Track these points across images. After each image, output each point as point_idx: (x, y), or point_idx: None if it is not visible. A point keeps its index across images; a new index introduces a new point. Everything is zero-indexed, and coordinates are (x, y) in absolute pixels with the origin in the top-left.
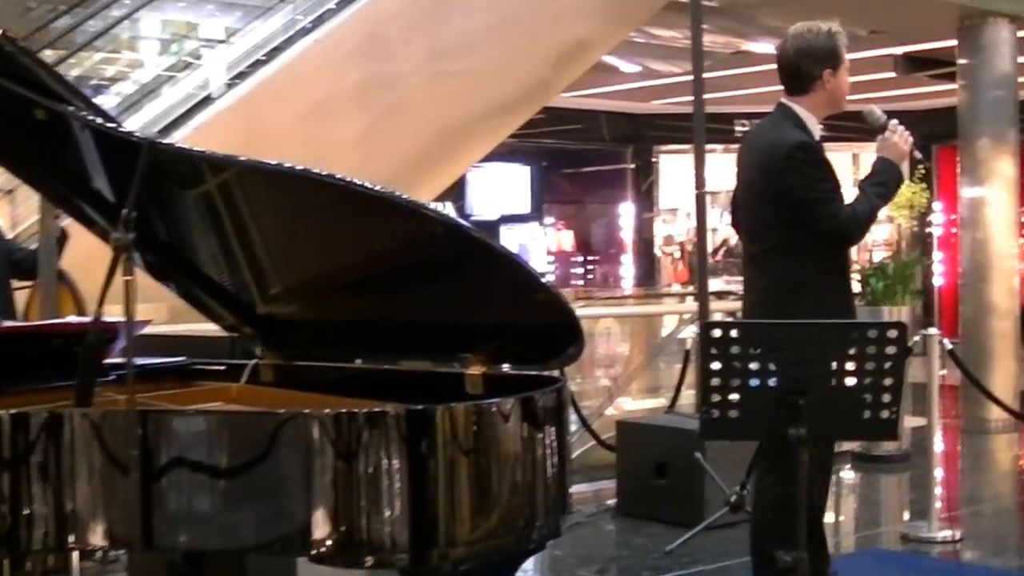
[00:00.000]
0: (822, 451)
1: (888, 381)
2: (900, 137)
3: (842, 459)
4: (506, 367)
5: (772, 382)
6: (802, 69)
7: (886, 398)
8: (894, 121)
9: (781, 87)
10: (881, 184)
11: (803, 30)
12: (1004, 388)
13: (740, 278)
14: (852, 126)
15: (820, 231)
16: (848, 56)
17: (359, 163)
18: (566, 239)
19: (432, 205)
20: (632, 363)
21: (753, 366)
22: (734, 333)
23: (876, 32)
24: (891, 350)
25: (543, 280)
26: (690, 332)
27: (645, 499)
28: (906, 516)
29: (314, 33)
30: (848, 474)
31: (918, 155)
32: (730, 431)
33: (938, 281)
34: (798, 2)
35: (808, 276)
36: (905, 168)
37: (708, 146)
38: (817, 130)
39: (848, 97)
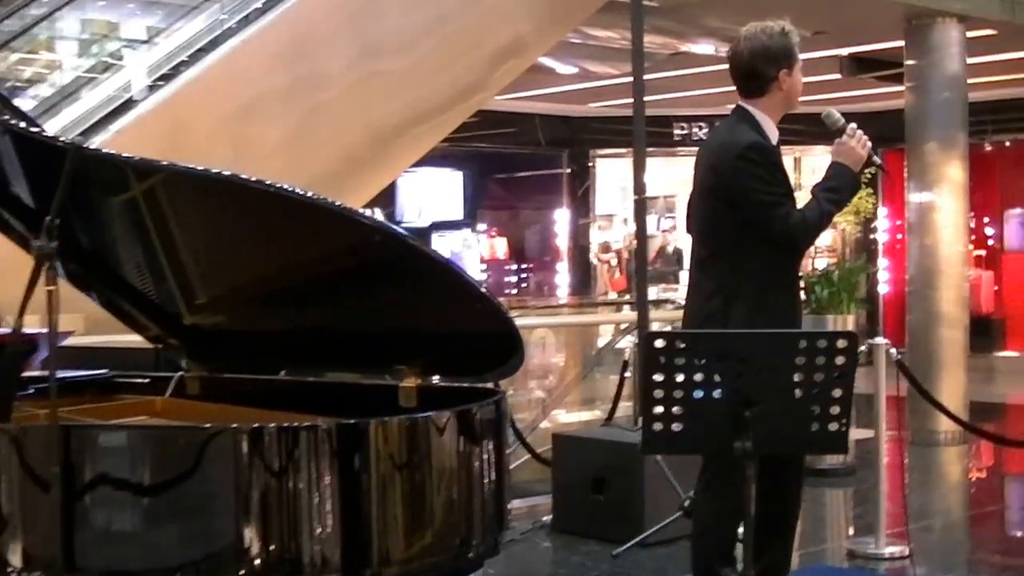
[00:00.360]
0: (795, 464)
1: (837, 392)
2: (857, 142)
3: None
4: (437, 379)
5: (717, 394)
6: (757, 70)
7: (835, 410)
8: (852, 125)
9: (721, 89)
10: (834, 190)
11: (756, 31)
12: (953, 399)
13: (676, 286)
14: (794, 129)
15: (769, 235)
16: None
17: (286, 167)
18: (500, 246)
19: (366, 212)
20: (567, 374)
21: (697, 377)
22: (678, 343)
23: (821, 32)
24: (841, 360)
25: (482, 289)
26: (628, 342)
27: (582, 515)
28: (851, 532)
29: (240, 33)
30: None
31: (877, 160)
32: (673, 445)
33: (883, 289)
34: (740, 2)
35: (755, 282)
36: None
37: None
38: (774, 133)
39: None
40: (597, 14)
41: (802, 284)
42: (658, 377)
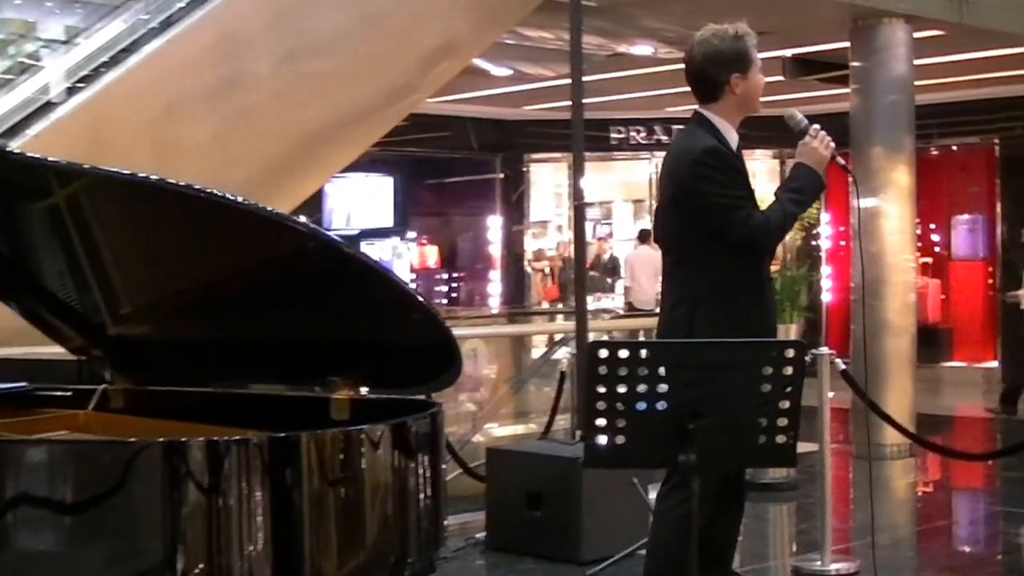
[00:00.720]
0: (734, 480)
1: (785, 404)
2: (820, 142)
3: None
4: (366, 391)
5: (661, 405)
6: (708, 75)
7: (783, 422)
8: (815, 126)
9: (659, 92)
10: (797, 191)
11: (709, 35)
12: (899, 410)
13: (610, 295)
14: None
15: (731, 239)
16: None
17: (211, 172)
18: (430, 254)
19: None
20: (500, 386)
21: (641, 388)
22: (622, 353)
23: (764, 33)
24: (788, 371)
25: (420, 298)
26: (565, 353)
27: (518, 532)
28: (795, 548)
29: (164, 34)
30: None
31: (841, 161)
32: (617, 458)
33: (826, 297)
34: (680, 2)
35: (720, 289)
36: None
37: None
38: (734, 137)
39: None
40: (532, 14)
41: None
42: (601, 388)
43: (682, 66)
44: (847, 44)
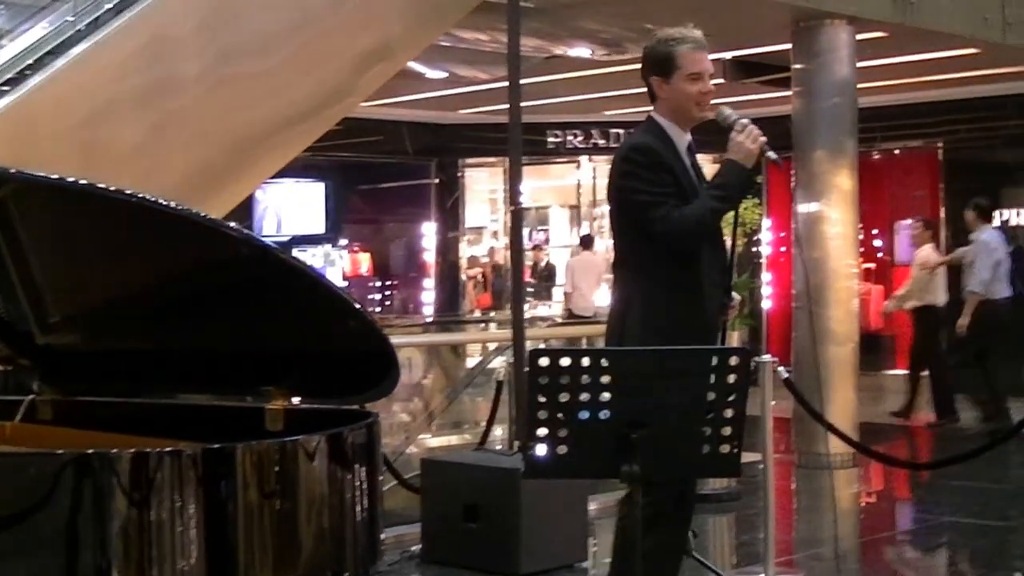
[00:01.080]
0: (689, 490)
1: (729, 413)
2: (747, 136)
3: None
4: (298, 400)
5: (604, 415)
6: (641, 75)
7: (727, 431)
8: (744, 120)
9: (597, 95)
10: (721, 186)
11: (656, 36)
12: (842, 420)
13: (547, 303)
14: None
15: (653, 236)
16: None
17: (140, 177)
18: (363, 261)
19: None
20: (434, 396)
21: (583, 397)
22: (563, 361)
23: (704, 35)
24: (732, 379)
25: (357, 306)
26: (501, 361)
27: (454, 544)
28: (735, 560)
29: (92, 36)
30: None
31: (772, 156)
32: (558, 469)
33: (766, 304)
34: (619, 3)
35: (650, 291)
36: None
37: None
38: (683, 140)
39: None
40: (467, 16)
41: None
42: (541, 398)
43: (618, 68)
44: (789, 46)
